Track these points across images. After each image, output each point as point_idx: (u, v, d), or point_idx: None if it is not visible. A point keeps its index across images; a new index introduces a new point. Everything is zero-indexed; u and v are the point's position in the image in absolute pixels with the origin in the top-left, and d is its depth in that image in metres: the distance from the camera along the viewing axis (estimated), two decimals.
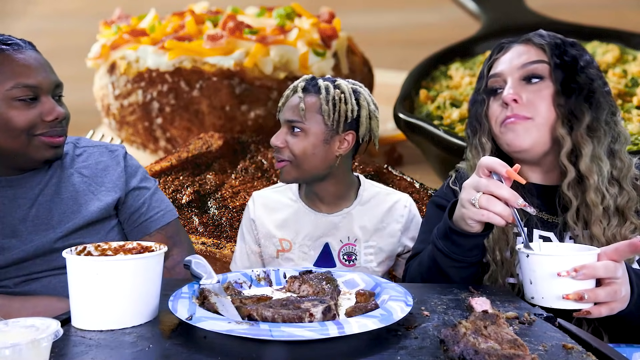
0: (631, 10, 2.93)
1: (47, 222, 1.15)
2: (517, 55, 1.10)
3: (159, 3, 3.02)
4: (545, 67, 1.07)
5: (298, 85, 1.34)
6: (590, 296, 0.82)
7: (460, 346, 0.61)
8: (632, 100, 2.28)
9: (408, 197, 1.44)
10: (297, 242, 1.35)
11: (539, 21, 2.80)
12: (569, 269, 0.81)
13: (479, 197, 0.88)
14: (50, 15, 3.28)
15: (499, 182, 0.88)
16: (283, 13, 2.80)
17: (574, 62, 1.06)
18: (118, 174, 1.25)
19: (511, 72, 1.09)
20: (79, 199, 1.19)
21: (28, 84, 1.08)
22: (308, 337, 0.65)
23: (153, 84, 2.63)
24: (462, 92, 2.53)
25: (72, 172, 1.22)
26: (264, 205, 1.41)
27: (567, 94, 1.05)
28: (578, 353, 0.66)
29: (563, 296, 0.82)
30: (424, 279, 1.07)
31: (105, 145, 1.31)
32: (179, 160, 2.30)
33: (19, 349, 0.56)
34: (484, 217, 0.89)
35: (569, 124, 1.05)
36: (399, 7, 3.20)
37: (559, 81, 1.05)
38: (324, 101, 1.29)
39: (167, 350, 0.68)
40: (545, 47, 1.08)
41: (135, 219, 1.26)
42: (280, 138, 1.30)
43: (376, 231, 1.36)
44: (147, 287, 0.79)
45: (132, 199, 1.26)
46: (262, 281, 0.96)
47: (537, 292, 0.85)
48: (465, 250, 0.97)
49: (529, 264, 0.86)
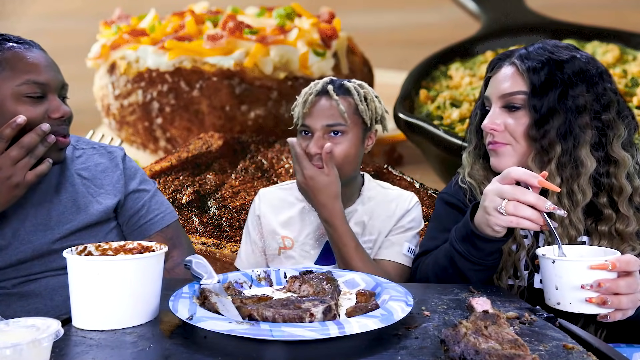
0: (631, 10, 2.92)
1: (46, 223, 1.15)
2: (502, 81, 1.11)
3: (159, 3, 3.01)
4: (523, 99, 1.08)
5: (324, 87, 1.30)
6: (614, 301, 0.83)
7: (460, 346, 0.61)
8: (632, 100, 2.28)
9: (412, 194, 1.41)
10: (300, 241, 1.35)
11: (539, 21, 2.80)
12: (592, 283, 0.82)
13: (505, 205, 0.89)
14: (50, 15, 3.28)
15: (523, 189, 0.88)
16: (283, 13, 2.80)
17: (556, 86, 1.05)
18: (117, 176, 1.25)
19: (495, 99, 1.11)
20: (78, 201, 1.19)
21: (38, 80, 1.09)
22: (308, 337, 0.65)
23: (153, 84, 2.62)
24: (462, 92, 2.53)
25: (72, 173, 1.22)
26: (269, 203, 1.41)
27: (540, 125, 1.06)
28: (578, 353, 0.66)
29: (586, 299, 0.83)
30: (438, 279, 1.07)
31: (104, 146, 1.31)
32: (179, 160, 2.30)
33: (20, 348, 0.56)
34: (512, 223, 0.89)
35: (540, 157, 1.06)
36: (399, 7, 3.19)
37: (534, 112, 1.06)
38: (359, 101, 1.29)
39: (167, 350, 0.68)
40: (525, 74, 1.08)
41: (134, 222, 1.26)
42: (319, 144, 1.26)
43: (374, 226, 1.35)
44: (147, 287, 0.79)
45: (132, 201, 1.26)
46: (262, 281, 0.96)
47: (564, 297, 0.85)
48: (486, 254, 0.98)
49: (555, 270, 0.85)
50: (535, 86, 1.06)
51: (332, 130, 1.27)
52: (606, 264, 0.82)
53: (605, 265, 0.82)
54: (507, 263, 1.10)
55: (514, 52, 1.14)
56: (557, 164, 1.04)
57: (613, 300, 0.82)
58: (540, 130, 1.05)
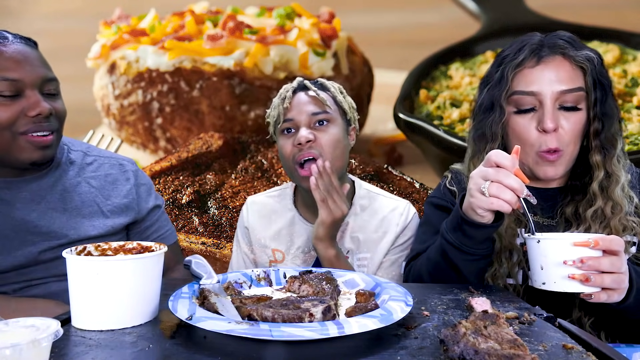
0: (631, 10, 2.93)
1: (48, 229, 1.12)
2: (556, 76, 1.05)
3: (159, 3, 3.02)
4: (582, 96, 1.06)
5: (300, 84, 1.29)
6: (597, 280, 0.84)
7: (460, 346, 0.61)
8: (632, 100, 2.28)
9: (407, 203, 1.35)
10: (290, 254, 1.32)
11: (539, 21, 2.80)
12: (575, 259, 0.84)
13: (488, 186, 0.89)
14: (50, 15, 3.28)
15: (507, 172, 0.89)
16: (283, 13, 2.80)
17: (608, 83, 1.07)
18: (127, 190, 1.24)
19: (550, 97, 1.05)
20: (83, 210, 1.17)
21: (8, 77, 1.03)
22: (308, 337, 0.65)
23: (153, 84, 2.62)
24: (462, 92, 2.53)
25: (80, 180, 1.19)
26: (258, 214, 1.38)
27: (599, 120, 1.06)
28: (578, 353, 0.66)
29: (569, 275, 0.84)
30: (431, 276, 1.06)
31: (115, 157, 1.29)
32: (179, 160, 2.30)
33: (19, 348, 0.56)
34: (493, 205, 0.90)
35: (603, 152, 1.06)
36: (399, 7, 3.20)
37: (594, 109, 1.06)
38: (337, 93, 1.29)
39: (167, 350, 0.68)
40: (586, 67, 1.05)
41: (147, 235, 1.28)
42: (308, 133, 1.22)
43: (369, 243, 1.30)
44: (147, 287, 0.79)
45: (150, 216, 1.28)
46: (262, 281, 0.96)
47: (548, 276, 0.87)
48: (477, 242, 0.98)
49: (540, 249, 0.88)
50: (594, 74, 1.05)
51: (318, 119, 1.24)
52: (589, 241, 0.84)
53: (588, 242, 0.84)
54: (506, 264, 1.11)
55: (552, 40, 1.08)
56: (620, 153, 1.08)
57: (596, 278, 0.84)
58: (603, 124, 1.06)
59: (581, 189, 1.10)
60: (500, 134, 1.11)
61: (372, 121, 2.86)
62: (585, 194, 1.08)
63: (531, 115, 1.07)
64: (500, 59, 1.13)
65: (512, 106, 1.09)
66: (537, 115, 1.06)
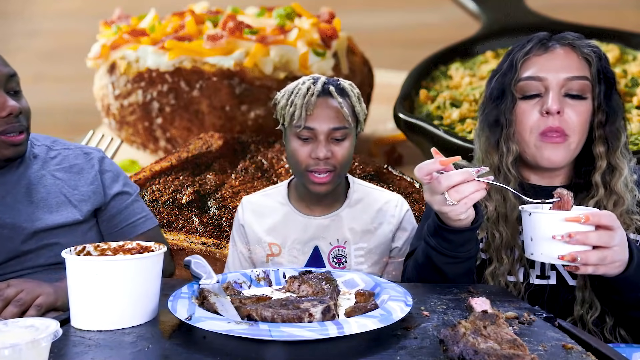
0: (631, 10, 2.93)
1: (13, 223, 1.12)
2: (562, 64, 1.06)
3: (159, 3, 3.02)
4: (588, 85, 1.06)
5: (325, 88, 1.25)
6: (583, 258, 0.85)
7: (459, 346, 0.61)
8: (632, 100, 2.28)
9: (400, 197, 1.40)
10: (287, 246, 1.34)
11: (539, 21, 2.80)
12: (563, 233, 0.84)
13: (447, 196, 0.89)
14: (50, 15, 3.28)
15: (447, 174, 0.89)
16: (283, 13, 2.80)
17: (612, 78, 1.07)
18: (92, 177, 1.24)
19: (555, 83, 1.05)
20: (50, 201, 1.17)
21: None
22: (307, 337, 0.65)
23: (153, 84, 2.62)
24: (462, 92, 2.53)
25: (44, 173, 1.20)
26: (252, 211, 1.40)
27: (604, 112, 1.06)
28: (578, 353, 0.66)
29: (558, 257, 0.85)
30: (420, 277, 1.06)
31: (80, 147, 1.30)
32: (179, 160, 2.30)
33: (19, 349, 0.56)
34: (467, 204, 0.90)
35: (606, 144, 1.06)
36: (399, 7, 3.20)
37: (597, 99, 1.06)
38: (356, 102, 1.28)
39: (166, 350, 0.68)
40: (591, 59, 1.06)
41: (115, 223, 1.27)
42: (328, 148, 1.24)
43: (366, 233, 1.34)
44: (146, 287, 0.79)
45: (116, 203, 1.27)
46: (261, 281, 0.96)
47: (536, 248, 0.89)
48: (457, 245, 0.98)
49: (530, 222, 0.89)
50: (599, 67, 1.06)
51: (337, 136, 1.25)
52: (579, 216, 0.84)
53: (578, 217, 0.84)
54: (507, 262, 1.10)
55: (560, 35, 1.10)
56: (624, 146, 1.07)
57: (582, 256, 0.84)
58: (607, 115, 1.06)
59: (585, 186, 1.10)
60: (512, 127, 1.10)
61: (372, 121, 2.86)
62: (589, 190, 1.08)
63: (536, 101, 1.07)
64: (509, 52, 1.15)
65: (519, 93, 1.09)
66: (542, 100, 1.06)
